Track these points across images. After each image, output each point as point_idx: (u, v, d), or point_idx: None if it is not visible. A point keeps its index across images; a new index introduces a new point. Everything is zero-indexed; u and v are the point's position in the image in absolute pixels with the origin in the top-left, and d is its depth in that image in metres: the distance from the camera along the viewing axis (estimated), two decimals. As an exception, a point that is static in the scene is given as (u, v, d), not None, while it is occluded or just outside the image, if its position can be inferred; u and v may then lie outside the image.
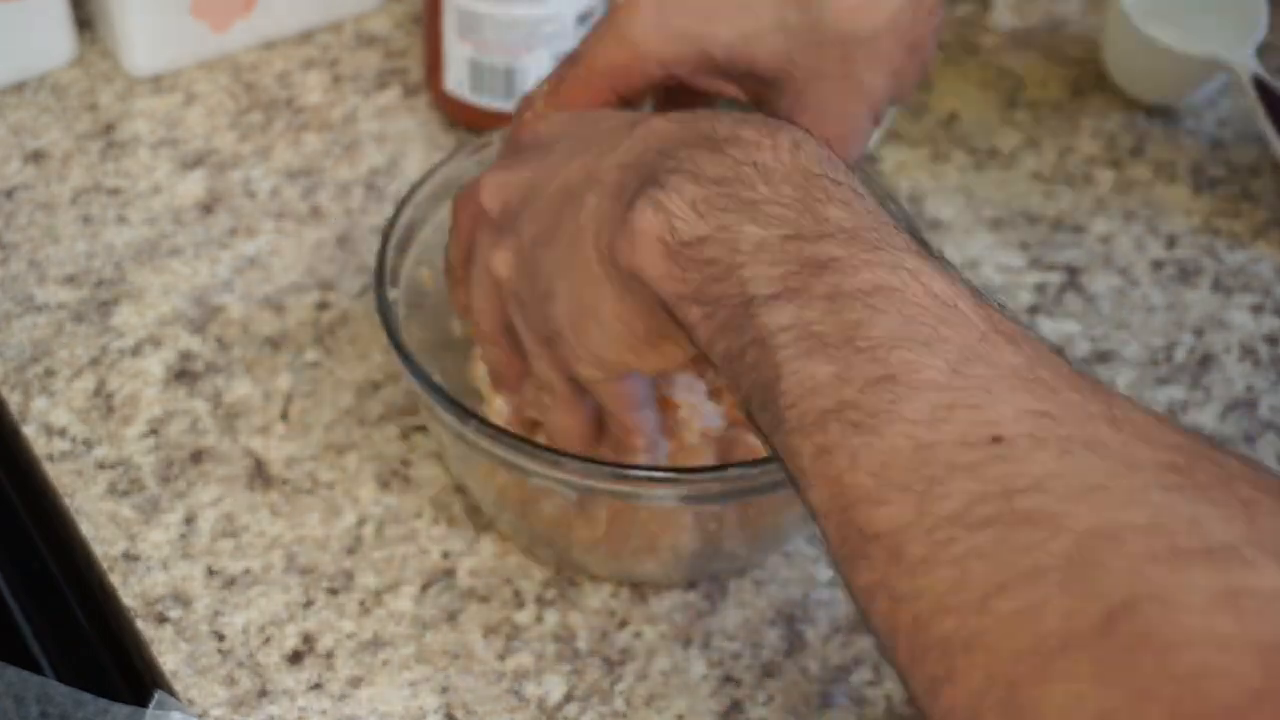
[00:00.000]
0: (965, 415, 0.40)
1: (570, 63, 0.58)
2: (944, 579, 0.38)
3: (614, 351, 0.52)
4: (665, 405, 0.59)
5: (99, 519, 0.64)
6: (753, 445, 0.59)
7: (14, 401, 0.68)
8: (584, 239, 0.50)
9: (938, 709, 0.39)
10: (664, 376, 0.58)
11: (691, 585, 0.63)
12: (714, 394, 0.60)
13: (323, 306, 0.72)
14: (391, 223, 0.63)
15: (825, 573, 0.63)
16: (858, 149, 0.57)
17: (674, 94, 0.59)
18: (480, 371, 0.62)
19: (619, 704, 0.60)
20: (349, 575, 0.63)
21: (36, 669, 0.59)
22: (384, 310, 0.60)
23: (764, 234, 0.45)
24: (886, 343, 0.41)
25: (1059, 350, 0.43)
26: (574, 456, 0.56)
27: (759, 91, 0.56)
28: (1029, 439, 0.39)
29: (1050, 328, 0.73)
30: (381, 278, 0.61)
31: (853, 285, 0.43)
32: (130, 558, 0.63)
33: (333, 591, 0.62)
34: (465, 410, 0.57)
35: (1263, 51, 0.81)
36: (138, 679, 0.61)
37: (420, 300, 0.64)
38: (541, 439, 0.59)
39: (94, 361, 0.69)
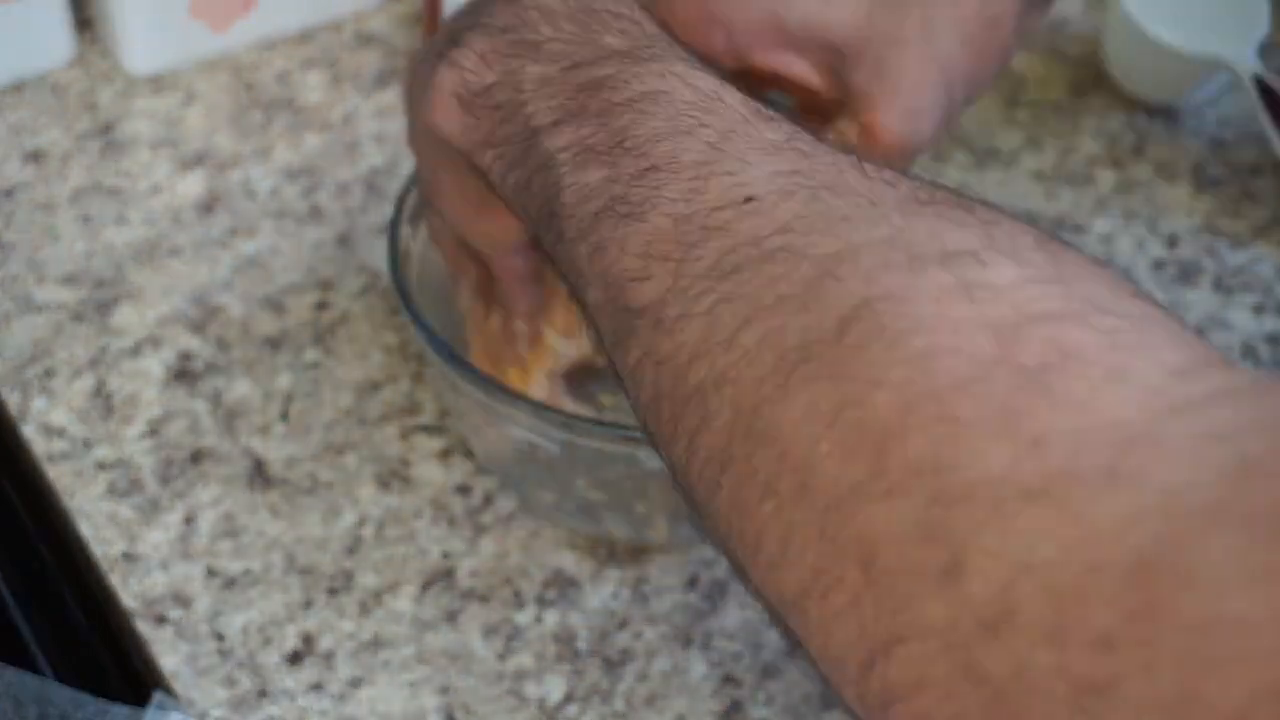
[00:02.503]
0: (719, 182, 0.41)
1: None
2: (697, 329, 0.39)
3: (462, 219, 0.54)
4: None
5: (98, 519, 0.64)
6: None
7: (13, 402, 0.68)
8: (419, 103, 0.52)
9: (695, 462, 0.39)
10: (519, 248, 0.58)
11: (692, 584, 0.63)
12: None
13: (322, 306, 0.72)
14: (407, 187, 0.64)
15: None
16: (932, 125, 0.54)
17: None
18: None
19: (619, 704, 0.59)
20: (349, 575, 0.63)
21: (35, 670, 0.59)
22: (395, 257, 0.61)
23: (545, 70, 0.47)
24: (652, 138, 0.43)
25: (820, 134, 0.44)
26: (557, 410, 0.57)
27: (833, 62, 0.54)
28: (779, 193, 0.40)
29: (1051, 328, 0.73)
30: (396, 236, 0.62)
31: (623, 96, 0.44)
32: (130, 558, 0.63)
33: (332, 592, 0.62)
34: (460, 358, 0.58)
35: (1264, 51, 0.81)
36: (137, 679, 0.61)
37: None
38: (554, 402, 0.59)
39: (93, 361, 0.69)
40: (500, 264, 0.57)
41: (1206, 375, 0.33)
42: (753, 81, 0.54)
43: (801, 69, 0.55)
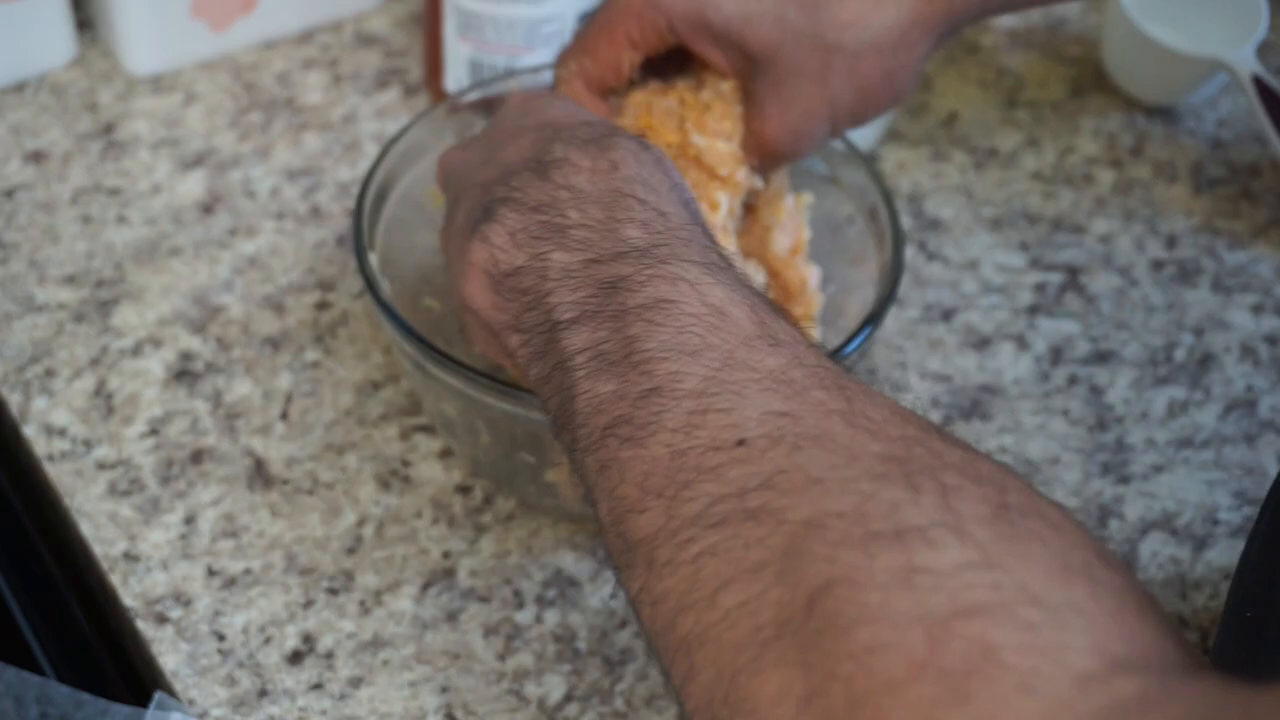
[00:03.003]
0: (715, 420, 0.43)
1: (594, 14, 0.62)
2: (684, 579, 0.41)
3: (492, 353, 0.55)
4: None
5: (99, 519, 0.64)
6: None
7: (14, 401, 0.68)
8: (451, 257, 0.54)
9: (687, 708, 0.41)
10: None
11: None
12: None
13: (323, 306, 0.72)
14: (368, 178, 0.64)
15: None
16: (808, 148, 0.61)
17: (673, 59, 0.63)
18: None
19: (619, 704, 0.60)
20: (349, 575, 0.63)
21: (37, 669, 0.59)
22: (359, 236, 0.62)
23: (569, 259, 0.48)
24: (657, 354, 0.44)
25: (821, 348, 0.46)
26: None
27: (743, 67, 0.60)
28: (767, 439, 0.42)
29: (1050, 327, 0.73)
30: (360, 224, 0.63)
31: (636, 301, 0.46)
32: (130, 558, 0.63)
33: (333, 591, 0.62)
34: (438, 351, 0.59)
35: (1262, 51, 0.81)
36: (138, 679, 0.61)
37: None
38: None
39: (94, 361, 0.69)
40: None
41: (1113, 684, 0.35)
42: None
43: (719, 61, 0.61)
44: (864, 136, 0.77)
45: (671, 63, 0.63)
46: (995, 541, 0.38)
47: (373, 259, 0.63)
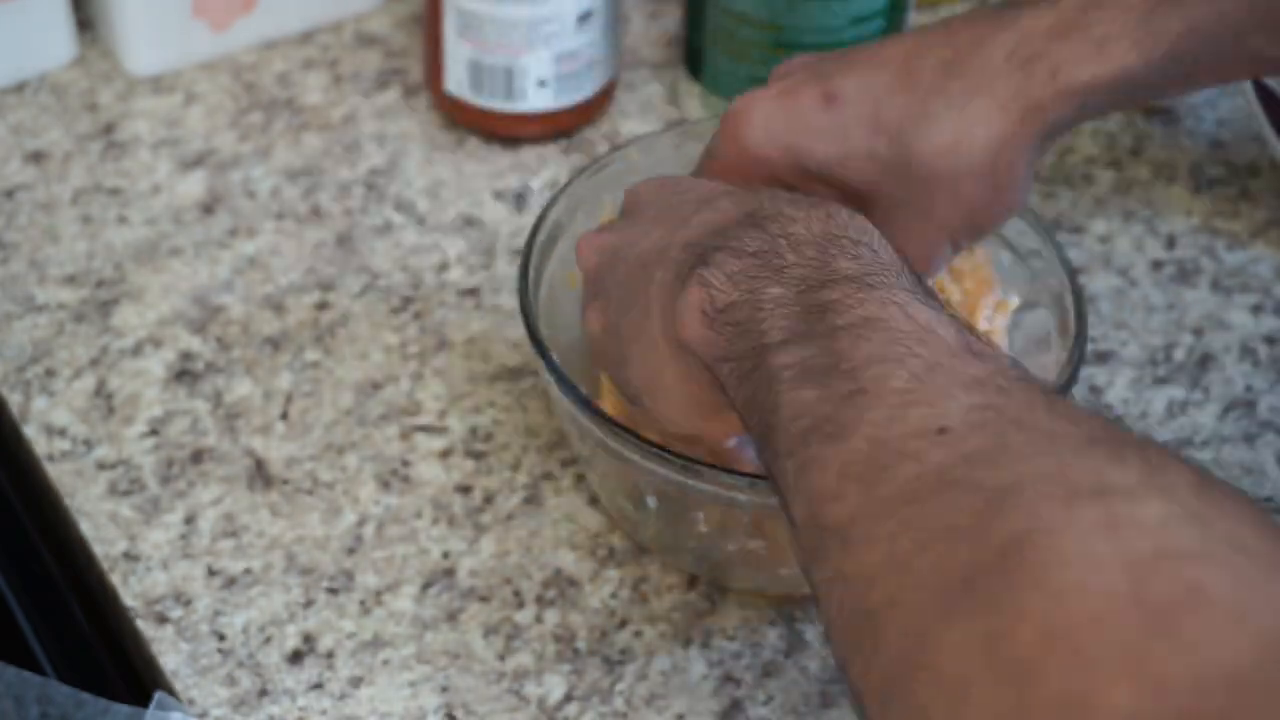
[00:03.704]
0: (918, 412, 0.43)
1: (703, 160, 0.62)
2: (878, 553, 0.41)
3: (684, 418, 0.55)
4: None
5: (99, 519, 0.64)
6: None
7: (14, 401, 0.68)
8: (651, 313, 0.53)
9: (869, 684, 0.40)
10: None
11: (691, 584, 0.63)
12: None
13: (323, 307, 0.72)
14: (532, 235, 0.64)
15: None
16: (935, 269, 0.61)
17: None
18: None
19: (619, 704, 0.60)
20: (349, 575, 0.63)
21: (37, 669, 0.59)
22: (531, 326, 0.61)
23: (783, 292, 0.48)
24: (864, 363, 0.44)
25: (1027, 372, 0.46)
26: (728, 470, 0.57)
27: (854, 201, 0.59)
28: (970, 426, 0.42)
29: (1050, 328, 0.73)
30: (526, 299, 0.62)
31: (845, 320, 0.46)
32: (131, 558, 0.63)
33: (333, 591, 0.62)
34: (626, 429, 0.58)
35: (1262, 52, 0.81)
36: (138, 679, 0.61)
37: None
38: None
39: (94, 361, 0.69)
40: (719, 450, 0.59)
41: None
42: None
43: (827, 194, 0.60)
44: None
45: None
46: (1199, 503, 0.38)
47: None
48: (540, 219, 0.64)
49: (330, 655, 0.60)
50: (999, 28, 0.58)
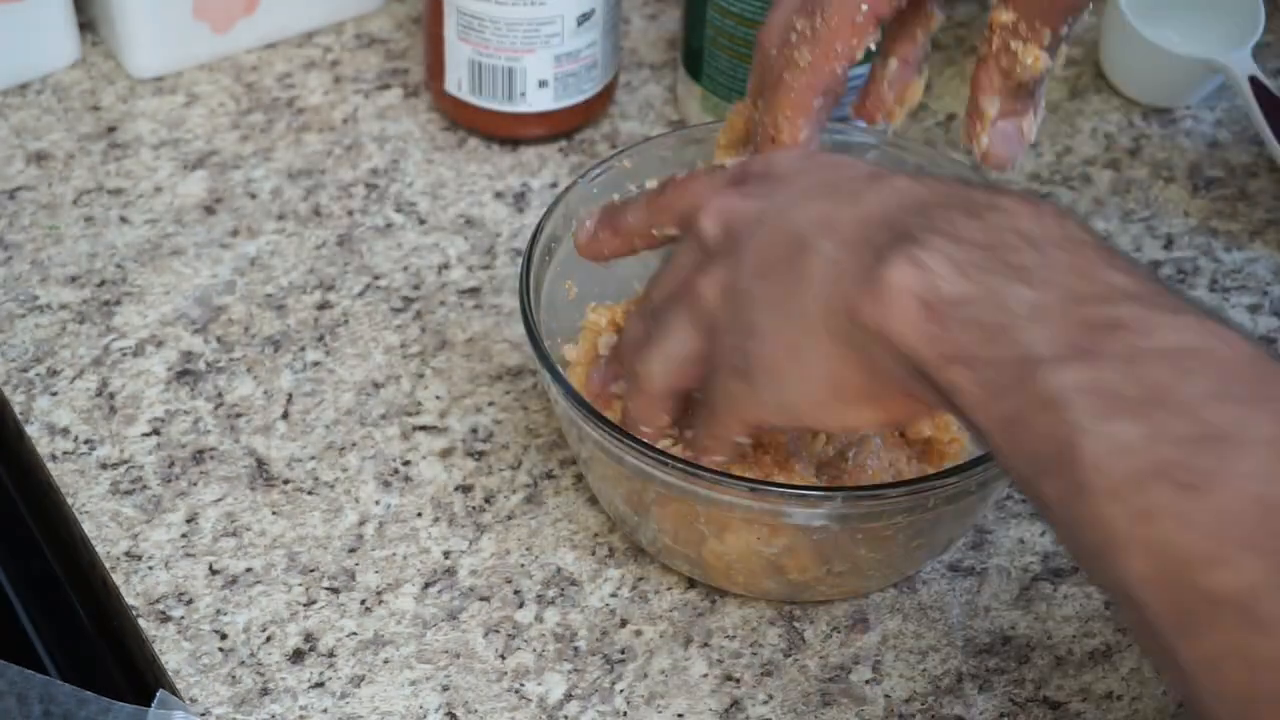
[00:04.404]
0: None
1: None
2: None
3: (807, 404, 0.51)
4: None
5: (101, 518, 0.64)
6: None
7: (17, 401, 0.68)
8: (807, 287, 0.49)
9: None
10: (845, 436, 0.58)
11: (691, 583, 0.63)
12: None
13: (324, 307, 0.72)
14: (533, 238, 0.63)
15: (824, 572, 0.64)
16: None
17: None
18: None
19: (619, 703, 0.60)
20: (350, 574, 0.63)
21: (40, 668, 0.59)
22: (531, 329, 0.61)
23: (1038, 296, 0.43)
24: (1203, 402, 0.40)
25: None
26: (716, 471, 0.56)
27: None
28: None
29: (1048, 328, 0.73)
30: (526, 297, 0.62)
31: (1152, 345, 0.41)
32: (132, 557, 0.63)
33: (334, 590, 0.62)
34: (622, 432, 0.57)
35: (1259, 53, 0.81)
36: (140, 678, 0.61)
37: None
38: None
39: (96, 361, 0.70)
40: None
41: None
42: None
43: None
44: None
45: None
46: None
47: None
48: (539, 226, 0.64)
49: (331, 654, 0.61)
50: None
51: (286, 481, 0.66)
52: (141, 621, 0.61)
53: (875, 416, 0.51)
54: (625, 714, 0.59)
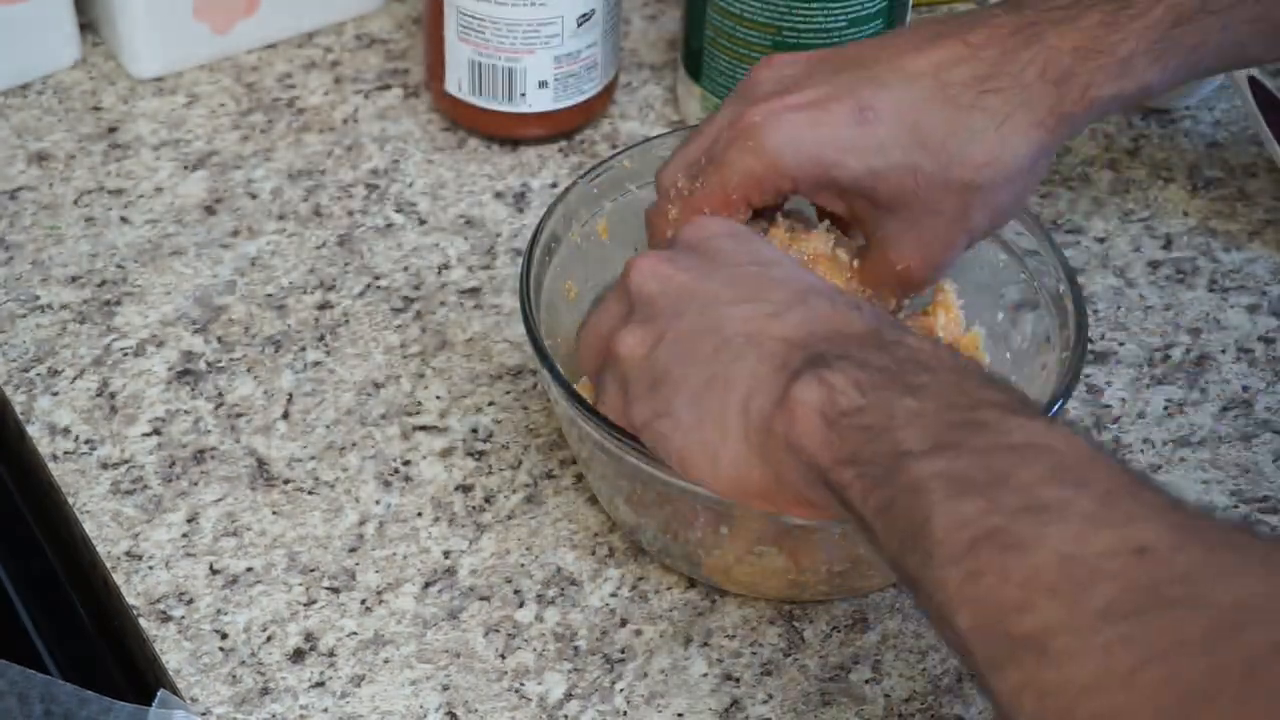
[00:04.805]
0: (1111, 533, 0.42)
1: (709, 167, 0.61)
2: (1090, 665, 0.40)
3: (711, 487, 0.54)
4: None
5: (102, 518, 0.64)
6: None
7: (18, 401, 0.68)
8: (730, 391, 0.52)
9: None
10: None
11: (691, 583, 0.63)
12: None
13: (324, 307, 0.72)
14: (532, 242, 0.64)
15: (824, 571, 0.64)
16: (941, 273, 0.63)
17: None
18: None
19: (619, 702, 0.60)
20: (351, 574, 0.63)
21: (40, 667, 0.60)
22: (532, 329, 0.61)
23: (921, 405, 0.48)
24: (1037, 483, 0.44)
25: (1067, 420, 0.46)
26: None
27: (867, 214, 0.61)
28: (1171, 548, 0.41)
29: (1048, 328, 0.74)
30: (527, 299, 0.62)
31: (1005, 442, 0.45)
32: (133, 557, 0.63)
33: (334, 590, 0.62)
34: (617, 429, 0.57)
35: (1259, 53, 0.81)
36: (141, 677, 0.61)
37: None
38: None
39: (97, 361, 0.70)
40: None
41: None
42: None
43: (837, 208, 0.62)
44: None
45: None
46: None
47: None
48: (539, 227, 0.64)
49: (332, 654, 0.61)
50: (1023, 44, 0.60)
51: (287, 481, 0.66)
52: (142, 621, 0.61)
53: (767, 509, 0.55)
54: (625, 713, 0.60)
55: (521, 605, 0.62)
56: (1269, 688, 0.37)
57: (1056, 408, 0.59)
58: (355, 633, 0.61)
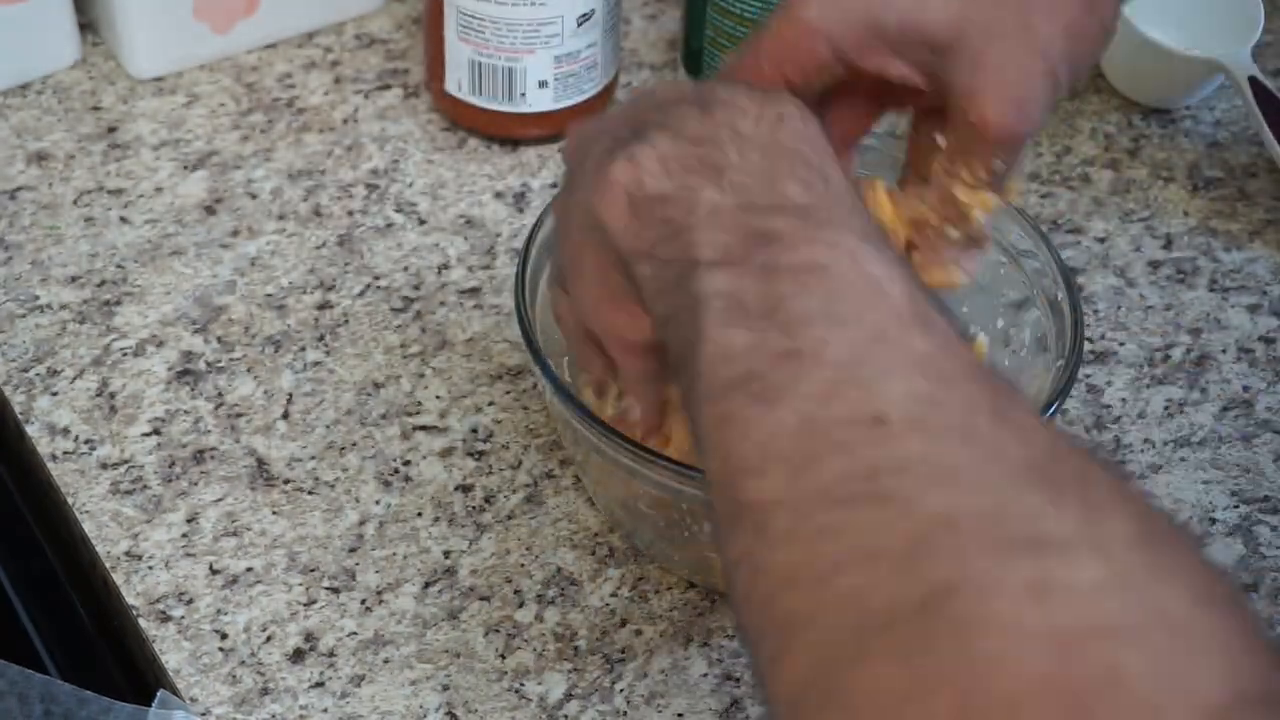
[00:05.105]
0: (855, 394, 0.40)
1: (744, 46, 0.56)
2: (797, 554, 0.39)
3: (589, 304, 0.52)
4: None
5: (102, 518, 0.64)
6: None
7: (18, 401, 0.68)
8: (582, 186, 0.50)
9: (773, 690, 0.39)
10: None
11: (691, 583, 0.63)
12: None
13: (324, 307, 0.72)
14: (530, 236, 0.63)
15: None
16: (1037, 113, 0.54)
17: (845, 96, 0.58)
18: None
19: (619, 702, 0.60)
20: (350, 574, 0.63)
21: (40, 667, 0.60)
22: (525, 325, 0.60)
23: (720, 200, 0.45)
24: (803, 319, 0.42)
25: (971, 340, 0.43)
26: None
27: (932, 63, 0.54)
28: (908, 422, 0.40)
29: (1048, 328, 0.74)
30: (521, 294, 0.61)
31: (789, 260, 0.43)
32: (133, 557, 0.63)
33: (334, 590, 0.62)
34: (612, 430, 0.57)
35: (1259, 53, 0.81)
36: (140, 678, 0.61)
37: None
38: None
39: (97, 361, 0.70)
40: (625, 360, 0.54)
41: (1237, 718, 0.34)
42: (863, 93, 0.56)
43: (901, 70, 0.54)
44: None
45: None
46: (1136, 563, 0.36)
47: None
48: (535, 226, 0.64)
49: (332, 654, 0.61)
50: None
51: (287, 481, 0.66)
52: (142, 621, 0.61)
53: (641, 326, 0.51)
54: (625, 714, 0.60)
55: (521, 605, 0.62)
56: (941, 632, 0.36)
57: (1050, 413, 0.59)
58: (355, 633, 0.61)
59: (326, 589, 0.62)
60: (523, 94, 0.78)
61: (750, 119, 0.48)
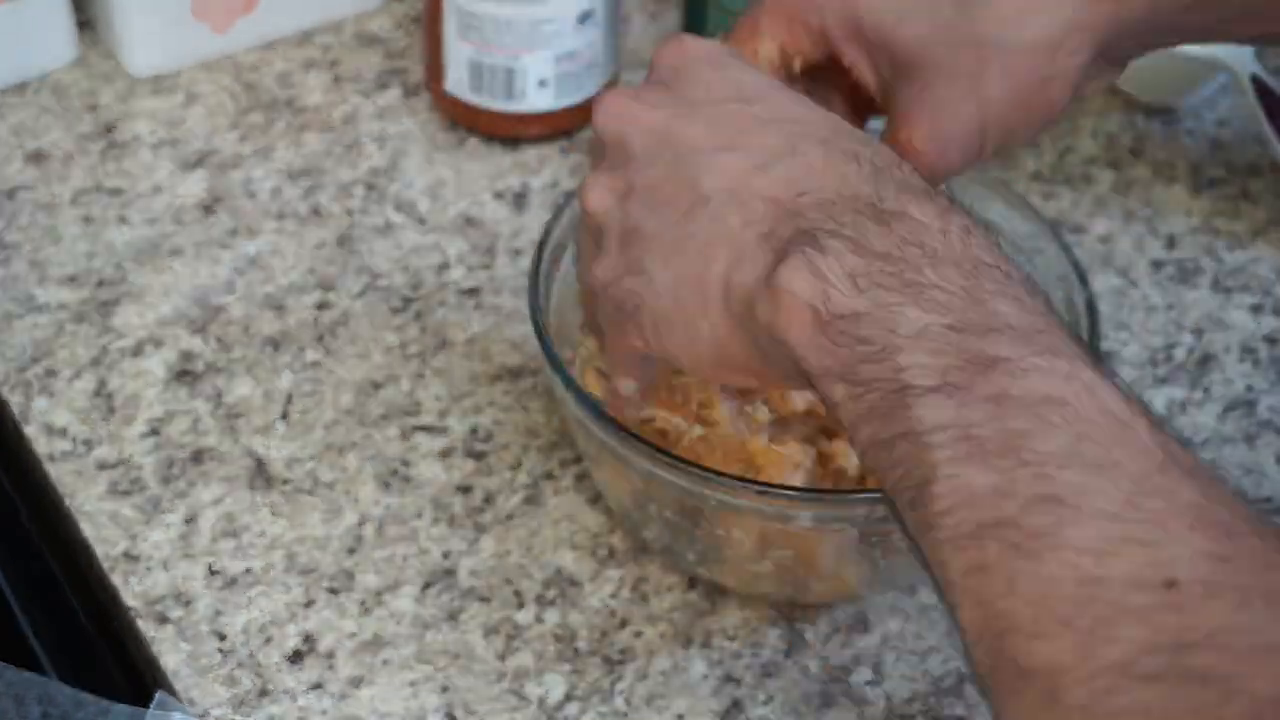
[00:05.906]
0: (1137, 552, 0.38)
1: (748, 8, 0.57)
2: None
3: (688, 357, 0.51)
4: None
5: (100, 519, 0.64)
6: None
7: (15, 402, 0.68)
8: (710, 256, 0.48)
9: None
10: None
11: (692, 584, 0.63)
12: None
13: (323, 306, 0.72)
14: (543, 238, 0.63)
15: (825, 572, 0.64)
16: (957, 159, 0.56)
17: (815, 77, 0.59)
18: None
19: (619, 703, 0.60)
20: (349, 575, 0.63)
21: (38, 669, 0.59)
22: (537, 319, 0.60)
23: (926, 319, 0.43)
24: (1054, 460, 0.40)
25: (1238, 491, 0.41)
26: (725, 475, 0.56)
27: (886, 76, 0.56)
28: (1204, 585, 0.37)
29: (1050, 328, 0.73)
30: (536, 295, 0.61)
31: (1021, 390, 0.41)
32: (131, 558, 0.63)
33: (333, 591, 0.62)
34: (626, 430, 0.57)
35: (1261, 52, 0.81)
36: (139, 679, 0.61)
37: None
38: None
39: (95, 361, 0.69)
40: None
41: None
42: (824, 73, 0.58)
43: (863, 70, 0.57)
44: None
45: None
46: None
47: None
48: (546, 232, 0.63)
49: (331, 655, 0.60)
50: None
51: (286, 482, 0.66)
52: (140, 622, 0.61)
53: (753, 385, 0.51)
54: (625, 715, 0.59)
55: (521, 606, 0.62)
56: None
57: None
58: (354, 634, 0.61)
59: (325, 590, 0.62)
60: (523, 93, 0.77)
61: (936, 234, 0.45)
